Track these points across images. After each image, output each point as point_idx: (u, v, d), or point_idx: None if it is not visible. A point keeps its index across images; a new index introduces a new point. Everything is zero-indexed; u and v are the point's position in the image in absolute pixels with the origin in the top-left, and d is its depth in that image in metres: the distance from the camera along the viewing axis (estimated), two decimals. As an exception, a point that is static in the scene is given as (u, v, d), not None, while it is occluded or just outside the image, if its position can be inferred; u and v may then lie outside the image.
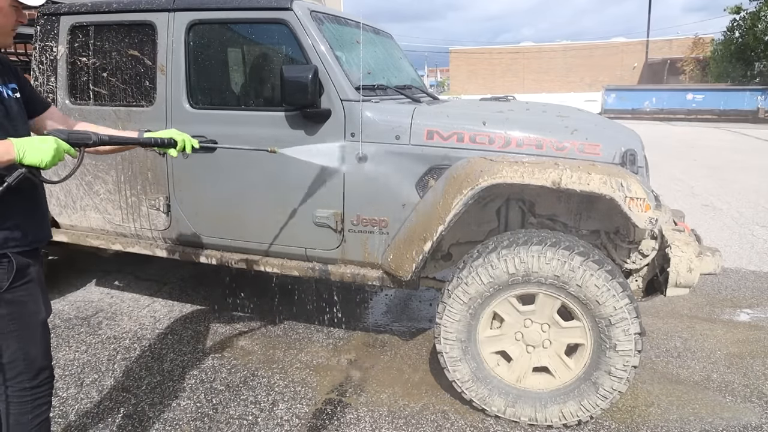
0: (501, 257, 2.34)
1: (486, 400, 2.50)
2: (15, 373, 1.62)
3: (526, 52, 37.76)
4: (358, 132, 2.60)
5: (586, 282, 2.25)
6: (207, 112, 2.91)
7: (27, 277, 1.59)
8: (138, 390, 2.78)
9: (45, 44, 3.15)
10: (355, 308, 3.81)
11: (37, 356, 1.65)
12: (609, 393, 2.35)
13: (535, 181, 2.22)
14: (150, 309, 3.77)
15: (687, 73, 30.63)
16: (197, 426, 2.50)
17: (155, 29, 2.93)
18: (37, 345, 1.64)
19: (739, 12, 25.10)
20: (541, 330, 2.44)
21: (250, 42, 3.05)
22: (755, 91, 21.90)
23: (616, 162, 2.43)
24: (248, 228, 2.94)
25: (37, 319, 1.64)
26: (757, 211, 6.54)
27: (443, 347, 2.49)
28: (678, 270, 2.35)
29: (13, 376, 1.62)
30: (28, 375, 1.63)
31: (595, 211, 2.63)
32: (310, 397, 2.73)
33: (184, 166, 2.96)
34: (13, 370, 1.62)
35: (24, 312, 1.57)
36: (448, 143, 2.53)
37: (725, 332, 3.45)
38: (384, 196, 2.65)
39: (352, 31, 3.11)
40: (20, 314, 1.56)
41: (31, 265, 1.61)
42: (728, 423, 2.54)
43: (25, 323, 1.59)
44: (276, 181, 2.81)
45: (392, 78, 3.28)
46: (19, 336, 1.59)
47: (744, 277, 4.43)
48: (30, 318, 1.61)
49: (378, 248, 2.71)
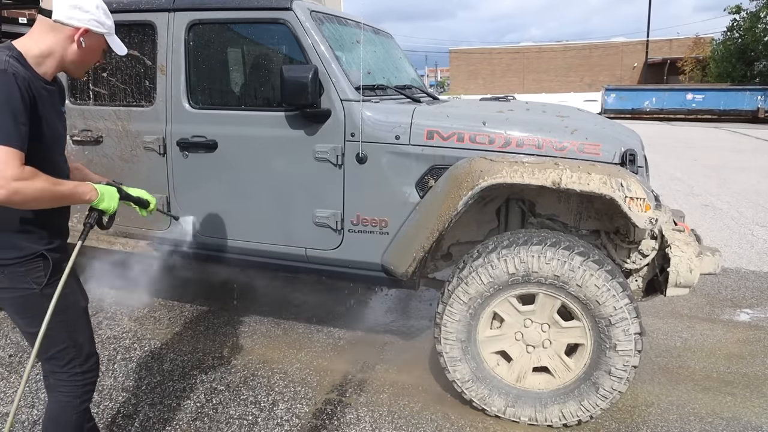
0: (501, 257, 2.34)
1: (486, 400, 2.50)
2: (67, 360, 1.75)
3: (526, 52, 37.75)
4: (358, 132, 2.60)
5: (586, 282, 2.25)
6: (207, 112, 2.91)
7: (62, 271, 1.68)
8: (138, 390, 2.78)
9: (45, 44, 3.15)
10: (355, 308, 3.81)
11: (84, 342, 1.79)
12: (609, 393, 2.35)
13: (535, 181, 2.22)
14: (150, 309, 3.77)
15: (687, 73, 30.62)
16: (197, 426, 2.50)
17: (155, 29, 2.93)
18: (83, 332, 1.79)
19: (739, 12, 25.10)
20: (541, 330, 2.44)
21: (250, 42, 3.05)
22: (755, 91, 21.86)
23: (616, 162, 2.42)
24: (248, 228, 2.94)
25: (79, 307, 1.77)
26: (757, 211, 6.54)
27: (443, 347, 2.49)
28: (678, 270, 2.35)
29: (66, 363, 1.75)
30: (78, 360, 1.77)
31: (595, 211, 2.63)
32: (310, 397, 2.73)
33: (184, 166, 2.96)
34: (66, 357, 1.75)
35: (66, 303, 1.67)
36: (448, 143, 2.53)
37: (725, 332, 3.46)
38: (384, 196, 2.65)
39: (352, 31, 3.11)
40: (64, 305, 1.66)
41: (64, 260, 1.71)
42: (728, 423, 2.54)
43: (69, 313, 1.71)
44: (276, 181, 2.81)
45: (392, 78, 3.28)
46: (66, 325, 1.71)
47: (744, 277, 4.43)
48: (73, 307, 1.73)
49: (378, 248, 2.71)
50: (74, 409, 1.79)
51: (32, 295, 1.64)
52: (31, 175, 1.46)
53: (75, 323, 1.75)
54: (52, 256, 1.67)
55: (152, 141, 2.98)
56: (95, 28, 1.63)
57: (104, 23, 1.66)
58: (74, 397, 1.78)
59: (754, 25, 24.10)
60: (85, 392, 1.81)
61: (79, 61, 1.67)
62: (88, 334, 1.81)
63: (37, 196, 1.47)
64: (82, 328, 1.78)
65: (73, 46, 1.62)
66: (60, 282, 1.61)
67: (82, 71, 1.76)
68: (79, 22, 1.59)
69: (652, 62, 31.75)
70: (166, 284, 3.98)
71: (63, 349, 1.73)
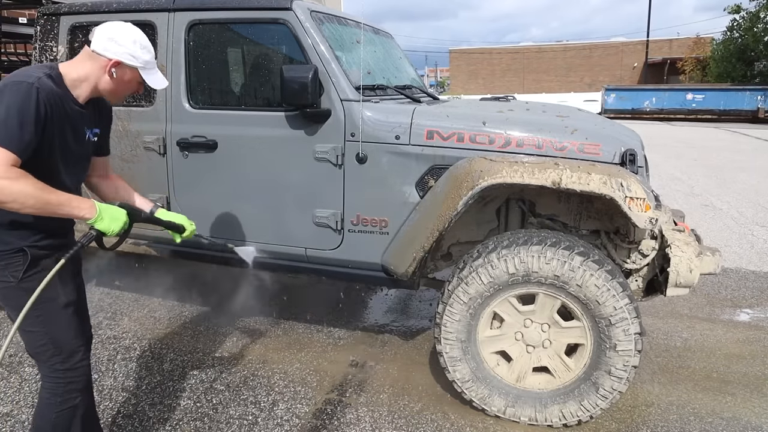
0: (501, 257, 2.34)
1: (486, 400, 2.50)
2: (47, 356, 1.76)
3: (526, 52, 37.76)
4: (358, 132, 2.61)
5: (586, 282, 2.25)
6: (207, 112, 2.91)
7: (39, 266, 1.71)
8: (138, 390, 2.78)
9: (45, 44, 3.15)
10: (355, 308, 3.81)
11: (64, 339, 1.77)
12: (609, 393, 2.35)
13: (535, 181, 2.22)
14: (150, 309, 3.77)
15: (687, 73, 30.62)
16: (197, 426, 2.50)
17: (155, 29, 2.93)
18: (62, 329, 1.77)
19: (739, 12, 25.10)
20: (541, 330, 2.44)
21: (250, 42, 3.05)
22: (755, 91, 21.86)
23: (616, 162, 2.42)
24: (248, 228, 2.94)
25: (57, 303, 1.75)
26: (757, 211, 6.54)
27: (443, 347, 2.49)
28: (678, 270, 2.35)
29: (47, 359, 1.77)
30: (59, 358, 1.76)
31: (595, 211, 2.63)
32: (310, 397, 2.73)
33: (184, 166, 2.96)
34: (45, 353, 1.76)
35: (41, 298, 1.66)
36: (448, 143, 2.53)
37: (725, 332, 3.46)
38: (384, 196, 2.65)
39: (352, 31, 3.11)
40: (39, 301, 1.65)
41: (46, 257, 1.73)
42: (728, 423, 2.54)
43: (44, 308, 1.71)
44: (276, 181, 2.81)
45: (392, 78, 3.28)
46: (43, 320, 1.73)
47: (744, 277, 4.43)
48: (50, 303, 1.72)
49: (378, 248, 2.71)
50: (54, 407, 1.78)
51: (10, 288, 1.68)
52: (18, 175, 1.49)
53: (52, 319, 1.75)
54: (32, 252, 1.69)
55: (152, 141, 2.98)
56: (128, 61, 1.71)
57: (138, 57, 1.73)
58: (55, 395, 1.78)
59: (754, 25, 24.10)
60: (68, 391, 1.78)
61: (112, 90, 1.76)
62: (70, 332, 1.79)
63: (17, 197, 1.49)
64: (62, 325, 1.77)
65: (106, 75, 1.71)
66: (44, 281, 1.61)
67: (117, 99, 1.84)
68: (113, 54, 1.69)
69: (652, 62, 31.76)
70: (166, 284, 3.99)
71: (42, 345, 1.75)
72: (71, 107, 1.69)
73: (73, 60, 1.74)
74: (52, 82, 1.62)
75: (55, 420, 1.79)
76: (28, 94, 1.54)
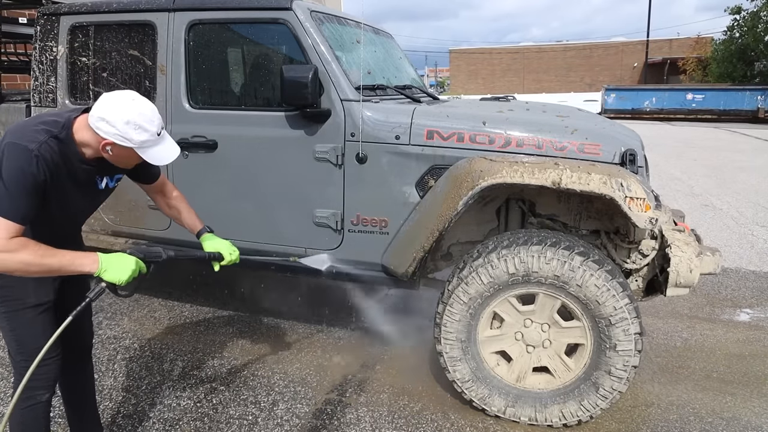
0: (501, 257, 2.34)
1: (486, 400, 2.50)
2: (12, 352, 1.81)
3: (526, 52, 37.75)
4: (358, 132, 2.61)
5: (586, 282, 2.25)
6: (207, 112, 2.91)
7: None
8: (138, 390, 2.78)
9: (45, 44, 3.15)
10: (355, 308, 3.81)
11: (27, 338, 1.78)
12: (609, 393, 2.35)
13: (535, 181, 2.22)
14: (150, 309, 3.77)
15: (688, 73, 30.61)
16: (197, 426, 2.50)
17: (155, 29, 2.93)
18: (27, 328, 1.78)
19: (739, 12, 25.09)
20: (541, 330, 2.44)
21: (250, 42, 3.05)
22: (755, 91, 21.83)
23: (616, 162, 2.42)
24: (248, 228, 2.93)
25: (23, 303, 1.76)
26: (757, 211, 6.54)
27: (443, 347, 2.49)
28: (678, 270, 2.35)
29: (12, 354, 1.81)
30: (23, 356, 1.78)
31: (595, 211, 2.63)
32: (310, 397, 2.73)
33: (184, 166, 2.96)
34: (10, 348, 1.81)
35: (9, 295, 1.72)
36: (448, 143, 2.53)
37: (725, 332, 3.46)
38: (384, 196, 2.65)
39: (352, 31, 3.11)
40: (5, 297, 1.72)
41: None
42: (728, 423, 2.54)
43: (10, 306, 1.75)
44: (276, 181, 2.81)
45: (392, 78, 3.28)
46: (8, 317, 1.76)
47: (744, 277, 4.43)
48: (15, 302, 1.75)
49: (378, 248, 2.71)
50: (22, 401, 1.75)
51: None
52: (18, 247, 1.50)
53: (17, 317, 1.76)
54: None
55: (152, 141, 2.98)
56: (119, 142, 1.62)
57: (132, 139, 1.62)
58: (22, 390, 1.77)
59: (755, 25, 24.09)
60: (30, 388, 1.73)
61: (114, 161, 1.71)
62: (34, 331, 1.77)
63: (19, 268, 1.52)
64: (26, 323, 1.77)
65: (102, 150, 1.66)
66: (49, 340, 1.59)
67: (125, 166, 1.80)
68: (104, 134, 1.61)
69: (652, 62, 31.74)
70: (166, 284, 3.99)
71: (8, 341, 1.79)
72: (78, 166, 1.67)
73: (83, 118, 1.68)
74: (57, 144, 1.60)
75: (20, 417, 1.81)
76: (28, 163, 1.53)
